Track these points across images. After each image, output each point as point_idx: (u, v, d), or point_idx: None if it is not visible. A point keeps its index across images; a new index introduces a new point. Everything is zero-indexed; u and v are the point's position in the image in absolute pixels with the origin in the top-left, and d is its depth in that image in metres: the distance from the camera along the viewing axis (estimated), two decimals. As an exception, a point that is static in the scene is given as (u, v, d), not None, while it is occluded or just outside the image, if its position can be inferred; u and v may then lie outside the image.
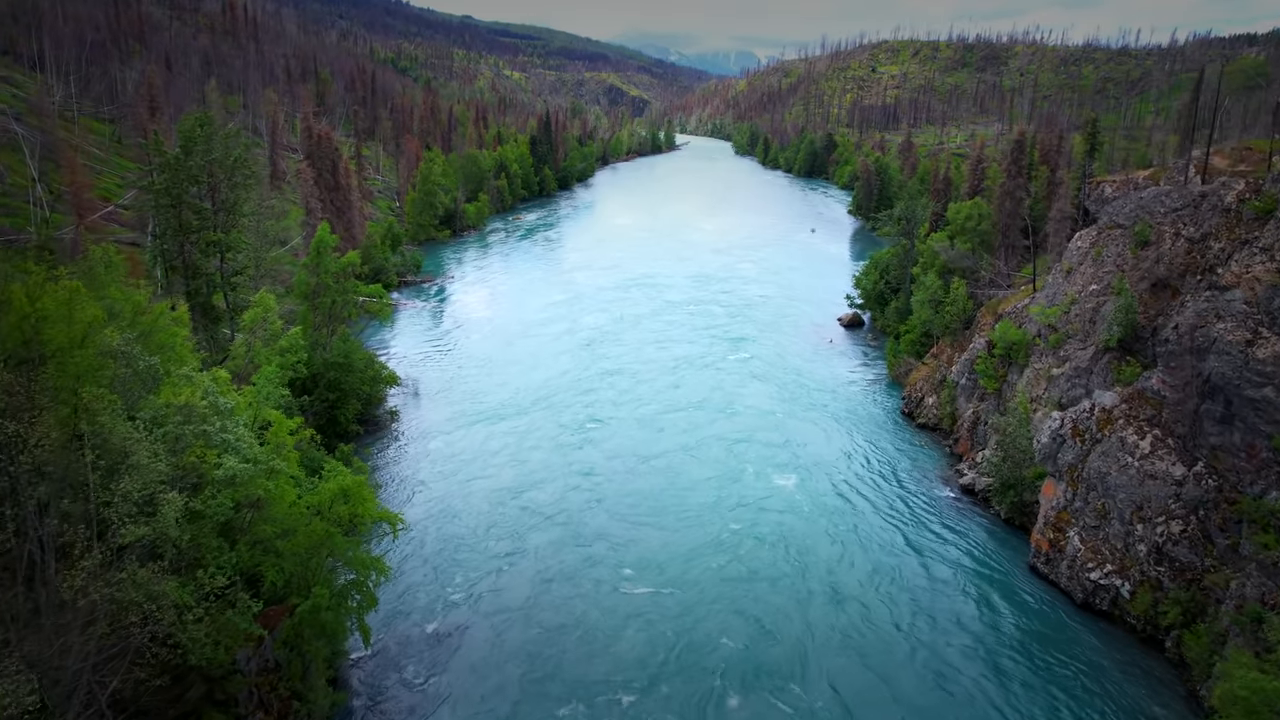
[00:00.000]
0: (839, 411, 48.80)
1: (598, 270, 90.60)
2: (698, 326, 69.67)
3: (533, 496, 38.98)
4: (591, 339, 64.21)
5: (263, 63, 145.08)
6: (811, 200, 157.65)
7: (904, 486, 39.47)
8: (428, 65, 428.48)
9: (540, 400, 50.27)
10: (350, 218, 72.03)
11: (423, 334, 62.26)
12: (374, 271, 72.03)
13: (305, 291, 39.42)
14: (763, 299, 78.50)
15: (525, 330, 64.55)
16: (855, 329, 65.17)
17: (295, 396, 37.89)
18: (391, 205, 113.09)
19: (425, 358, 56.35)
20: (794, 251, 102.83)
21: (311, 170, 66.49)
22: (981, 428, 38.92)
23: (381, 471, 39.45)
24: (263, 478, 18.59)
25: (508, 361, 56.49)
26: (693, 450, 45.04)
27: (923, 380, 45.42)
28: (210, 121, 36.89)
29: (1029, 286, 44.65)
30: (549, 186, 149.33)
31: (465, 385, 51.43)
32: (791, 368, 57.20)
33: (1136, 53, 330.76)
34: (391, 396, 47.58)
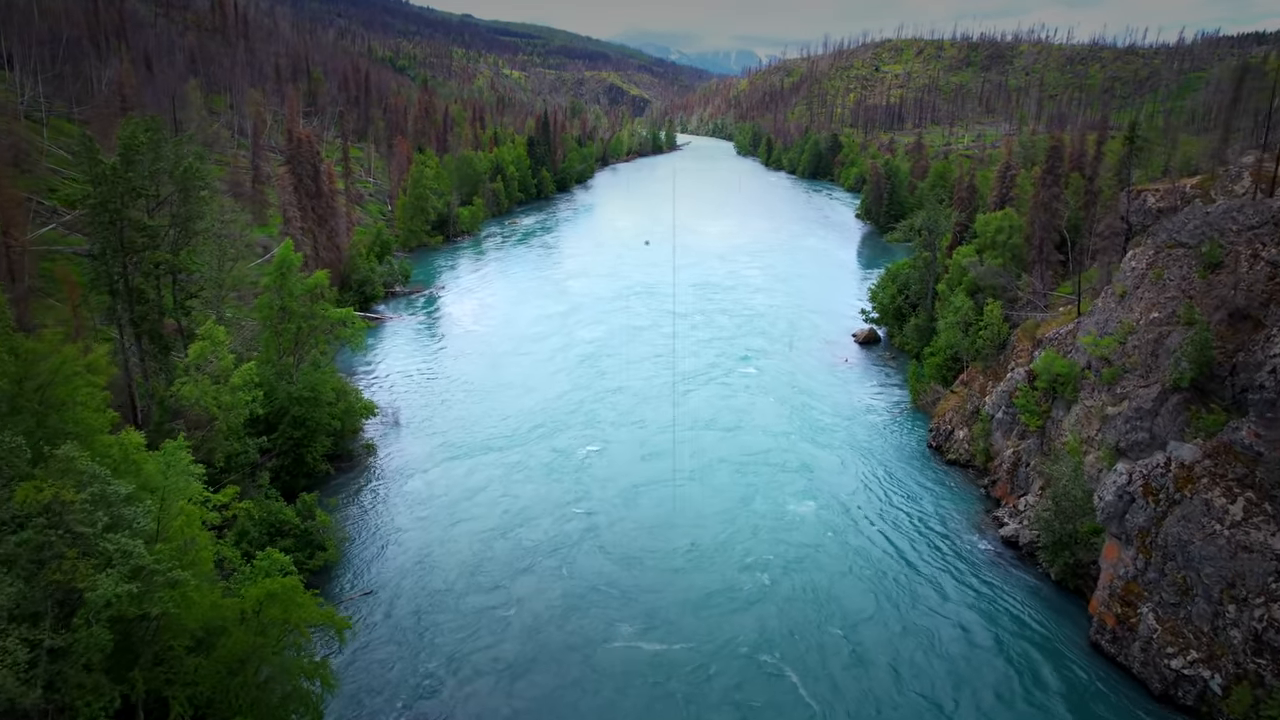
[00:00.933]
0: (858, 441, 44.71)
1: (596, 277, 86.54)
2: (702, 339, 65.66)
3: (523, 538, 35.06)
4: (589, 354, 60.20)
5: (253, 61, 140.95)
6: (817, 203, 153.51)
7: (935, 532, 35.39)
8: (426, 64, 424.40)
9: (533, 426, 46.19)
10: (334, 226, 67.97)
11: (408, 352, 58.13)
12: (359, 283, 68.01)
13: (268, 316, 35.30)
14: (771, 310, 74.39)
15: (518, 346, 60.46)
16: (871, 346, 61.06)
17: (256, 435, 33.91)
18: (383, 209, 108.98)
19: (409, 380, 52.23)
20: (802, 258, 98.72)
21: (291, 176, 62.39)
22: (1023, 470, 34.80)
23: (353, 519, 35.34)
24: (162, 590, 14.54)
25: (498, 383, 52.39)
26: (700, 478, 41.26)
27: (952, 411, 41.30)
28: (158, 126, 32.76)
29: (1069, 308, 40.53)
30: (547, 189, 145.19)
31: (451, 411, 47.30)
32: (804, 389, 53.11)
33: (1144, 51, 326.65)
34: (369, 427, 43.48)
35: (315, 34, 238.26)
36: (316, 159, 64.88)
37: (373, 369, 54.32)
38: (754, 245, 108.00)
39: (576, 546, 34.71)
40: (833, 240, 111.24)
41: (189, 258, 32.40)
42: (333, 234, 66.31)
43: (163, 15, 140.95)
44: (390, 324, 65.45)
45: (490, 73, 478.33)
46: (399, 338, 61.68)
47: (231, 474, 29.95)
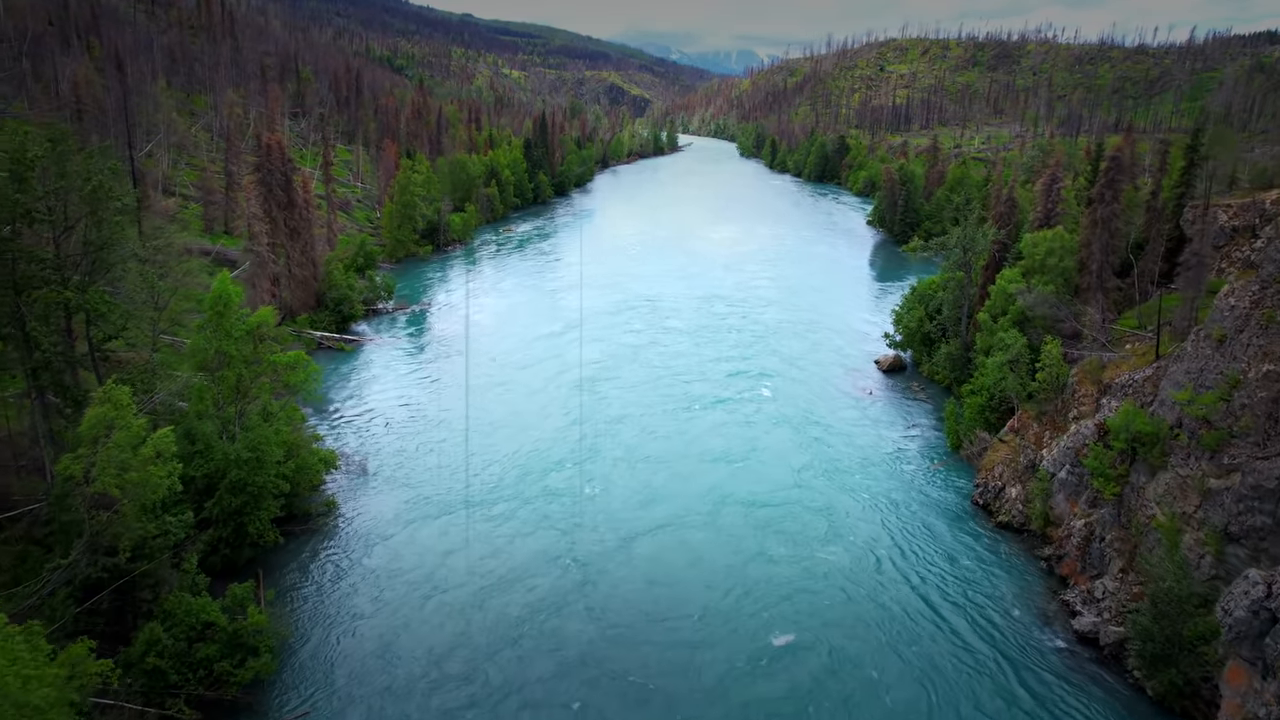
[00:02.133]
0: (890, 490, 39.24)
1: (594, 290, 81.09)
2: (708, 359, 60.43)
3: (506, 608, 30.07)
4: (585, 379, 54.79)
5: (239, 60, 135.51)
6: (824, 208, 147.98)
7: (991, 612, 29.91)
8: (424, 64, 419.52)
9: (521, 472, 40.72)
10: (308, 239, 62.50)
11: (384, 381, 52.61)
12: (336, 302, 62.52)
13: (202, 362, 29.80)
14: (783, 327, 68.93)
15: (508, 372, 54.97)
16: (896, 374, 55.52)
17: (191, 501, 28.49)
18: (372, 216, 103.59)
19: (382, 417, 46.69)
20: (813, 268, 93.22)
21: (260, 186, 56.94)
22: (1098, 545, 29.29)
23: (301, 604, 29.82)
24: None
25: (484, 418, 46.89)
26: (710, 523, 36.58)
27: (1002, 464, 35.78)
28: (63, 136, 27.24)
29: (1137, 346, 35.03)
30: (544, 193, 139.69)
31: (428, 456, 41.78)
32: (824, 423, 47.65)
33: (1154, 51, 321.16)
34: (331, 480, 37.98)
35: (309, 33, 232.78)
36: (289, 166, 59.38)
37: (343, 401, 48.82)
38: (761, 253, 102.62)
39: (568, 615, 29.77)
40: (844, 249, 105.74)
41: (97, 296, 26.85)
42: (307, 248, 60.83)
43: (145, 12, 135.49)
44: (370, 347, 59.96)
45: (489, 72, 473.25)
46: (376, 364, 56.18)
47: (142, 562, 24.46)
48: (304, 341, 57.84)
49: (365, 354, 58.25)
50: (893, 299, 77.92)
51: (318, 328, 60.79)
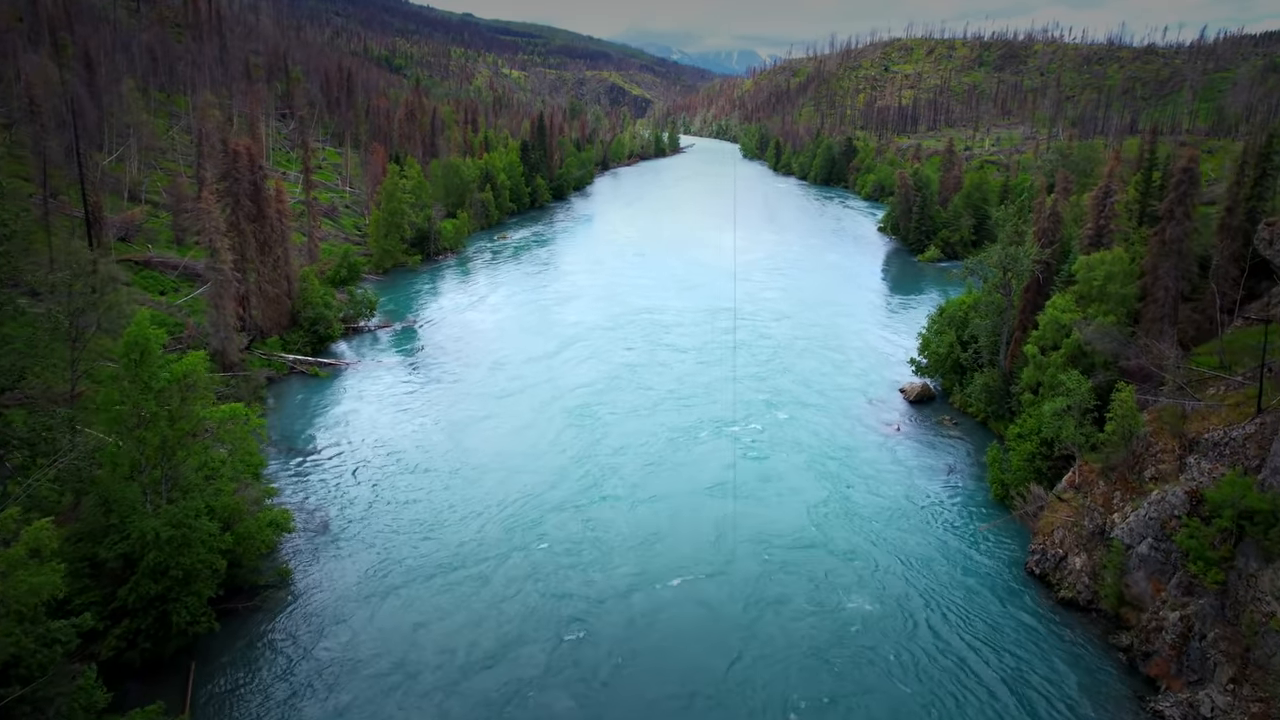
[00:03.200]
0: (926, 546, 34.25)
1: (591, 302, 76.22)
2: (715, 381, 55.76)
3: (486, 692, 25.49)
4: (580, 407, 49.95)
5: (225, 59, 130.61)
6: (832, 213, 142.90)
7: (1057, 709, 24.92)
8: (423, 63, 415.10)
9: (506, 526, 35.71)
10: (282, 253, 57.49)
11: (359, 414, 47.56)
12: (311, 321, 57.52)
13: (116, 419, 24.73)
14: (796, 344, 63.96)
15: (496, 402, 49.93)
16: (924, 405, 50.46)
17: (102, 588, 23.57)
18: (360, 222, 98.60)
19: (352, 458, 41.62)
20: (825, 278, 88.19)
21: (228, 196, 51.91)
22: (1197, 644, 24.23)
23: (239, 708, 24.82)
24: None
25: (466, 460, 41.83)
26: (722, 572, 32.65)
27: (1062, 528, 30.72)
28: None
29: (1230, 394, 29.96)
30: (542, 198, 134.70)
31: (401, 510, 36.73)
32: (846, 462, 42.63)
33: (1163, 51, 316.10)
34: (286, 542, 32.95)
35: (304, 32, 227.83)
36: (259, 174, 54.37)
37: (310, 438, 43.75)
38: (769, 261, 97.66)
39: (559, 692, 25.34)
40: (856, 257, 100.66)
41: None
42: (279, 262, 55.82)
43: (127, 9, 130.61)
44: (347, 371, 54.95)
45: (489, 72, 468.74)
46: (352, 391, 51.14)
47: (15, 685, 19.45)
48: (274, 366, 52.93)
49: (341, 380, 53.24)
50: (913, 315, 72.94)
51: (291, 350, 55.83)
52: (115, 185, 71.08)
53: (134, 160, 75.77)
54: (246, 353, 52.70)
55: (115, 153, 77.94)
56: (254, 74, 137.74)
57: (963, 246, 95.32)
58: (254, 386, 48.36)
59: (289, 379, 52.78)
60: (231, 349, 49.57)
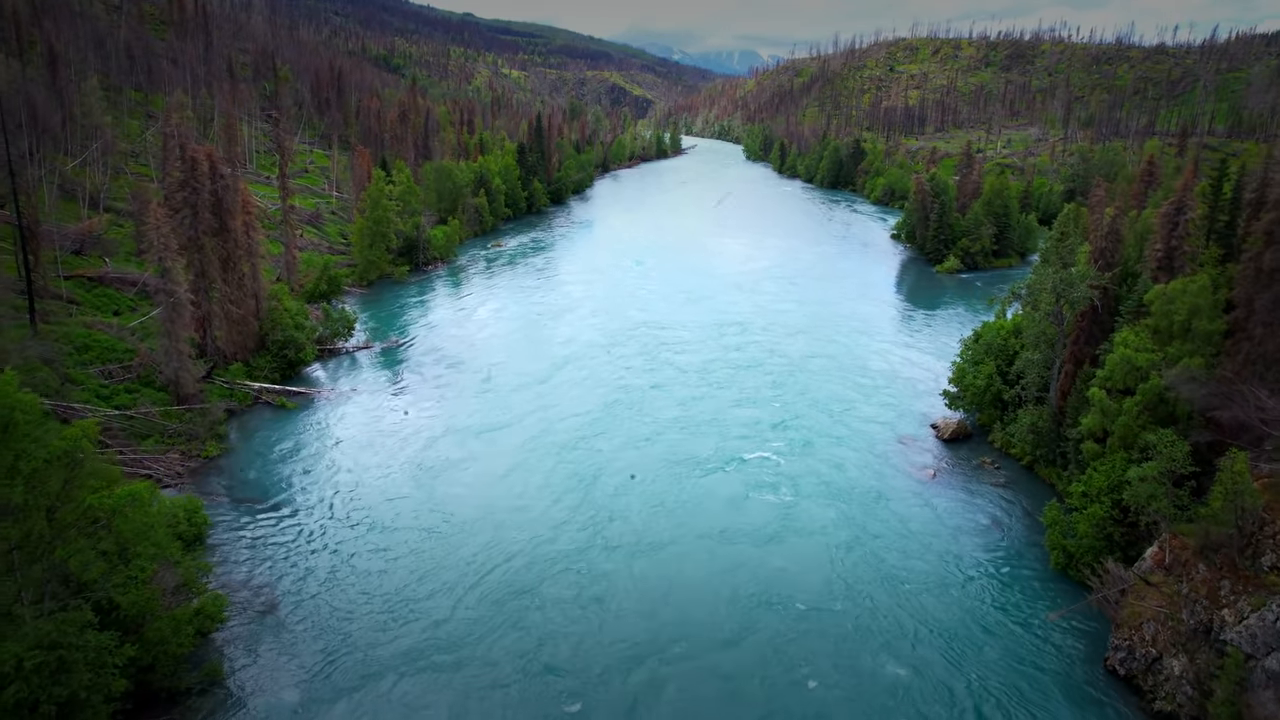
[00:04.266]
0: (974, 626, 29.05)
1: (588, 317, 71.08)
2: (724, 406, 51.20)
3: None
4: (574, 440, 44.99)
5: (210, 58, 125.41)
6: (841, 218, 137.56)
7: None
8: (422, 63, 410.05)
9: (489, 592, 30.64)
10: (252, 269, 52.24)
11: (325, 456, 42.25)
12: (280, 345, 52.28)
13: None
14: (811, 365, 58.82)
15: (480, 440, 44.64)
16: (960, 443, 45.17)
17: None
18: (346, 229, 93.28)
19: (313, 515, 36.27)
20: (839, 289, 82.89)
21: (186, 208, 46.63)
22: (1357, 803, 18.94)
23: None
24: None
25: (444, 515, 36.53)
26: (739, 640, 28.39)
27: (1154, 621, 25.43)
28: None
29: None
30: (539, 202, 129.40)
31: (365, 583, 31.39)
32: (875, 514, 37.44)
33: (1174, 51, 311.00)
34: (223, 629, 27.66)
35: (297, 31, 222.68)
36: (221, 184, 49.12)
37: (265, 490, 38.41)
38: (778, 270, 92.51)
39: None
40: (870, 267, 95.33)
41: None
42: (246, 279, 50.57)
43: (107, 4, 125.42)
44: (318, 401, 49.70)
45: (489, 72, 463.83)
46: (320, 426, 45.85)
47: None
48: (237, 396, 47.69)
49: (311, 412, 47.98)
50: (937, 333, 67.69)
51: (257, 377, 50.59)
52: (78, 191, 65.96)
53: (98, 164, 70.59)
54: (206, 382, 47.54)
55: (80, 156, 72.81)
56: (240, 73, 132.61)
57: (983, 257, 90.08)
58: (210, 422, 43.16)
59: (253, 411, 47.56)
60: (187, 379, 44.39)
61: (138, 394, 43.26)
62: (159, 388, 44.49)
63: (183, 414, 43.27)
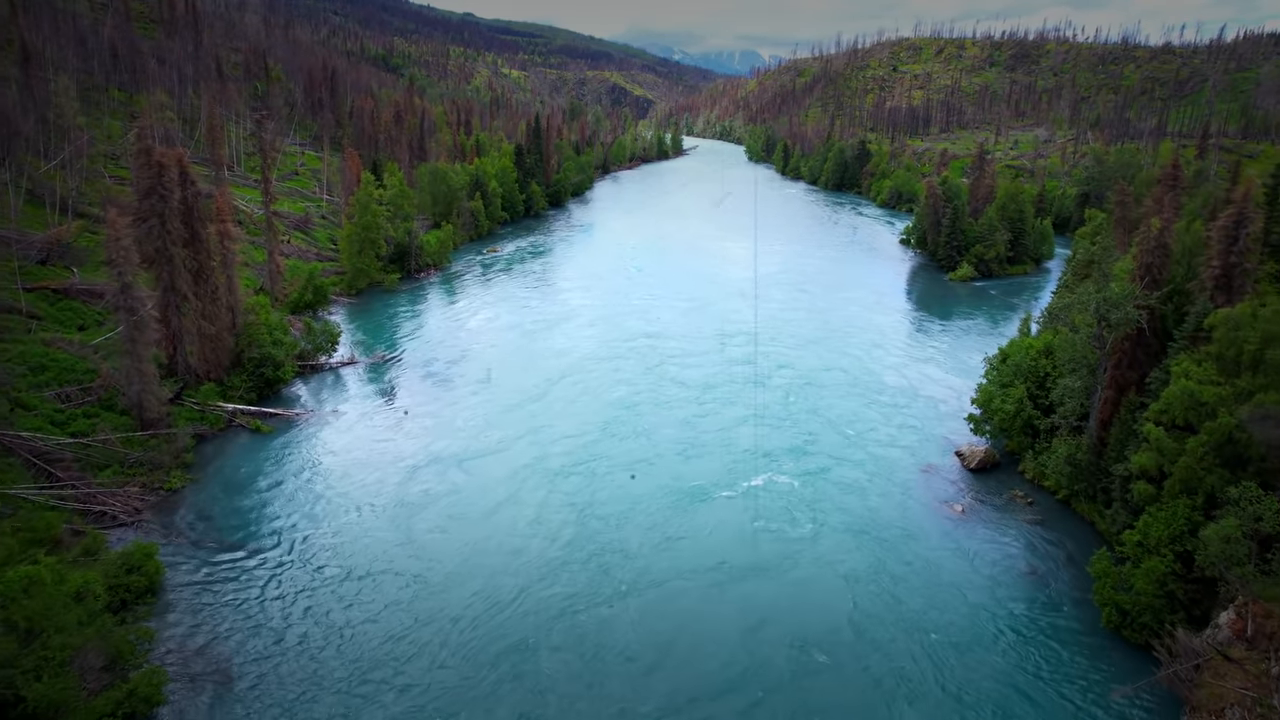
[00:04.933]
0: (1017, 694, 25.67)
1: (586, 327, 67.76)
2: (729, 422, 47.91)
3: None
4: (570, 466, 41.82)
5: (199, 56, 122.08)
6: (848, 221, 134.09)
7: None
8: (421, 63, 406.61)
9: (473, 653, 27.28)
10: (229, 281, 48.93)
11: (298, 488, 38.80)
12: (256, 363, 48.88)
13: None
14: (822, 380, 55.50)
15: (468, 470, 41.21)
16: (988, 473, 41.73)
17: None
18: (337, 234, 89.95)
19: (281, 561, 32.83)
20: (848, 297, 79.45)
21: (151, 218, 43.29)
22: None
23: None
24: None
25: (426, 560, 33.10)
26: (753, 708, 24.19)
27: (1239, 707, 22.01)
28: None
29: None
30: (537, 205, 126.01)
31: (335, 645, 27.94)
32: (897, 552, 34.10)
33: (1181, 50, 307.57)
34: (164, 706, 24.27)
35: (293, 30, 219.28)
36: (192, 190, 45.75)
37: (228, 530, 34.95)
38: (784, 277, 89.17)
39: None
40: (880, 274, 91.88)
41: None
42: (214, 297, 47.15)
43: (93, 2, 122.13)
44: (298, 424, 46.29)
45: (488, 72, 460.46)
46: (296, 455, 42.41)
47: None
48: (208, 420, 44.31)
49: (288, 436, 44.59)
50: (955, 346, 64.25)
51: (232, 397, 47.22)
52: (48, 196, 62.66)
53: (72, 167, 67.26)
54: (175, 404, 44.19)
55: (56, 159, 69.49)
56: (231, 72, 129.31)
57: (998, 264, 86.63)
58: (176, 450, 39.81)
59: (226, 435, 44.16)
60: (151, 402, 41.02)
61: (97, 419, 39.90)
62: (121, 411, 41.13)
63: (146, 441, 39.93)
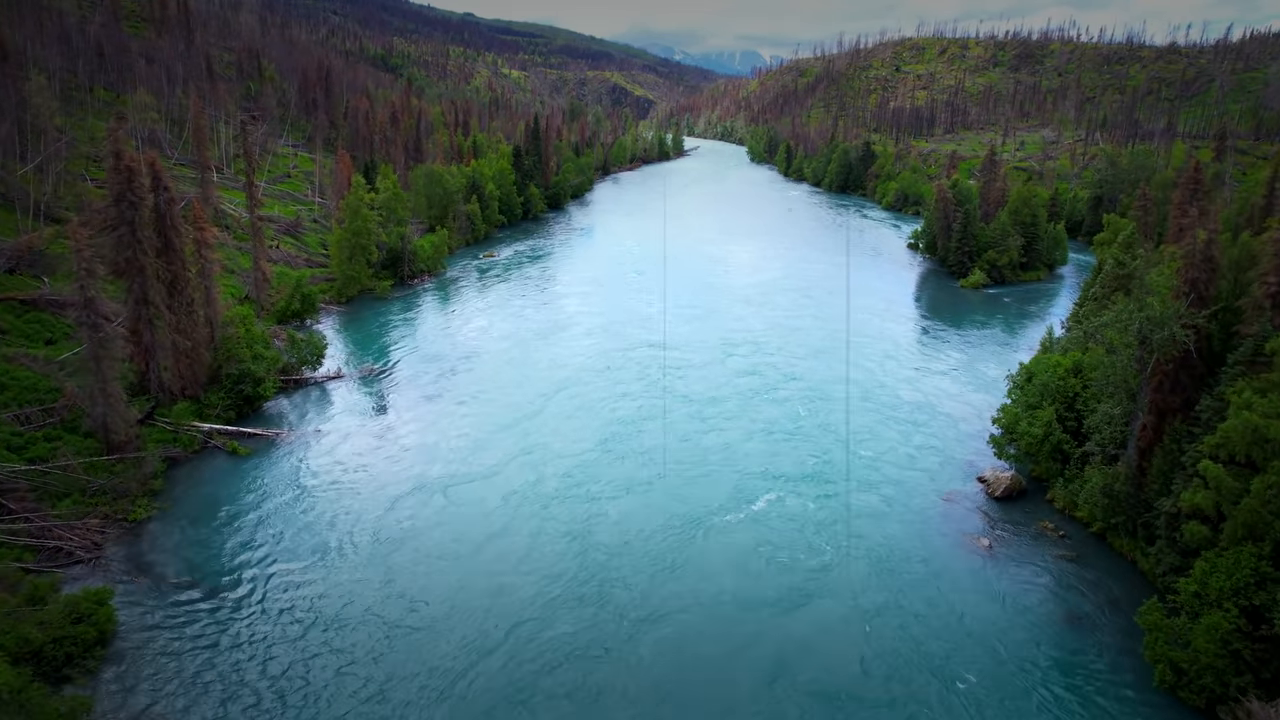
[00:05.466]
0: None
1: (584, 336, 65.02)
2: (736, 442, 45.50)
3: None
4: (565, 489, 39.20)
5: (190, 55, 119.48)
6: (853, 225, 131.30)
7: None
8: (420, 63, 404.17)
9: (464, 712, 24.52)
10: (209, 291, 46.18)
11: (271, 519, 35.98)
12: (234, 380, 46.11)
13: None
14: (834, 392, 52.79)
15: (455, 499, 38.43)
16: (1014, 501, 38.94)
17: None
18: (328, 239, 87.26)
19: (246, 606, 29.97)
20: (857, 304, 76.53)
21: (121, 226, 40.58)
22: None
23: None
24: None
25: (407, 603, 30.30)
26: None
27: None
28: None
29: None
30: (536, 208, 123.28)
31: (300, 710, 25.25)
32: (920, 593, 31.34)
33: (1187, 51, 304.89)
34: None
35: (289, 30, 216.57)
36: (165, 197, 43.01)
37: (194, 569, 32.12)
38: (790, 283, 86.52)
39: None
40: (889, 280, 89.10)
41: None
42: (190, 309, 44.40)
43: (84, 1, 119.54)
44: (278, 445, 43.53)
45: (488, 72, 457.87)
46: (273, 480, 39.60)
47: None
48: (181, 441, 41.56)
49: (266, 458, 41.83)
50: (972, 358, 61.42)
51: (209, 416, 44.47)
52: (19, 200, 59.95)
53: (49, 170, 64.56)
54: (147, 424, 41.47)
55: (34, 160, 66.77)
56: (224, 72, 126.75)
57: (1011, 270, 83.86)
58: (143, 476, 37.04)
59: (200, 458, 41.39)
60: (118, 424, 38.26)
61: (59, 443, 37.14)
62: (85, 434, 38.40)
63: (112, 466, 37.20)
